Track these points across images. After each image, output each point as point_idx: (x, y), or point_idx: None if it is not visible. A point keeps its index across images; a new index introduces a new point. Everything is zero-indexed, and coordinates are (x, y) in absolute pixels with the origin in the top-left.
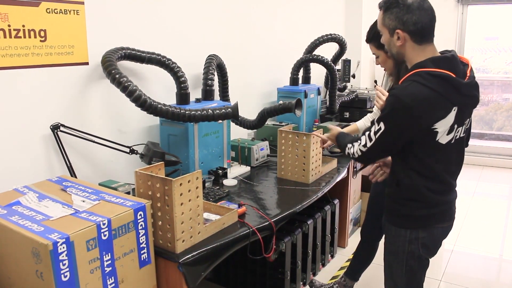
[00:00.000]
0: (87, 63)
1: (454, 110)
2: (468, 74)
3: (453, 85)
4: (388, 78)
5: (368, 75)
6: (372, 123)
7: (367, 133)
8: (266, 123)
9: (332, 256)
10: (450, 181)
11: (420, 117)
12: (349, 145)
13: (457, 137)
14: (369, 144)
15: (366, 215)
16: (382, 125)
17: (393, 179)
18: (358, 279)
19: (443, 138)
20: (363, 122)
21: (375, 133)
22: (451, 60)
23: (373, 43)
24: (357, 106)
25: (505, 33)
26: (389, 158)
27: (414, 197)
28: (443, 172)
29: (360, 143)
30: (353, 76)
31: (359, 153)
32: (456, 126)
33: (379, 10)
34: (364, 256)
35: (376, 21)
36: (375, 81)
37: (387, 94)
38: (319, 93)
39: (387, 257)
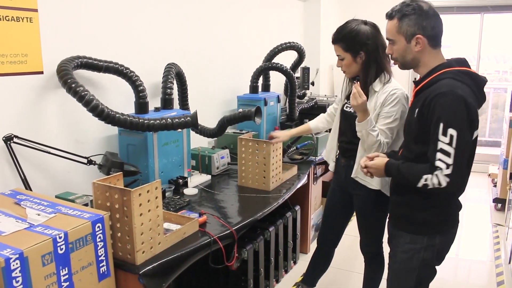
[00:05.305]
0: (41, 72)
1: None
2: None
3: (478, 83)
4: (348, 83)
5: (327, 82)
6: (423, 144)
7: (438, 155)
8: (226, 131)
9: (295, 262)
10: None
11: (475, 108)
12: (426, 177)
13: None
14: (451, 161)
15: (323, 223)
16: (451, 131)
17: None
18: (315, 285)
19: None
20: (315, 122)
21: (450, 144)
22: (466, 62)
23: (341, 44)
24: (317, 113)
25: (457, 42)
26: (377, 161)
27: (437, 203)
28: (468, 170)
29: (441, 169)
30: (312, 84)
31: (448, 179)
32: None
33: (390, 19)
34: (321, 263)
35: (346, 23)
36: (357, 80)
37: (364, 96)
38: (278, 101)
39: (396, 265)
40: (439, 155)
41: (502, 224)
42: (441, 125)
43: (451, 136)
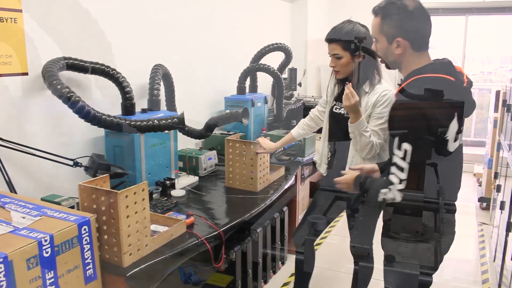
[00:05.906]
0: (26, 74)
1: (456, 115)
2: (465, 80)
3: (454, 90)
4: (335, 86)
5: (314, 84)
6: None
7: (392, 169)
8: (213, 132)
9: (283, 263)
10: (457, 191)
11: (437, 121)
12: (383, 191)
13: (461, 144)
14: (404, 176)
15: (302, 222)
16: (405, 146)
17: None
18: None
19: (451, 145)
20: (297, 130)
21: (403, 159)
22: (448, 66)
23: (341, 43)
24: (304, 114)
25: (442, 43)
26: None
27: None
28: (457, 175)
29: (394, 184)
30: (300, 85)
31: (401, 194)
32: (460, 132)
33: (375, 16)
34: (305, 267)
35: (343, 23)
36: (349, 80)
37: (357, 96)
38: (266, 102)
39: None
40: (393, 169)
41: (487, 223)
42: (396, 139)
43: (405, 151)
